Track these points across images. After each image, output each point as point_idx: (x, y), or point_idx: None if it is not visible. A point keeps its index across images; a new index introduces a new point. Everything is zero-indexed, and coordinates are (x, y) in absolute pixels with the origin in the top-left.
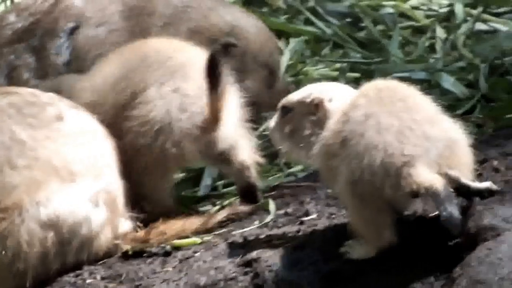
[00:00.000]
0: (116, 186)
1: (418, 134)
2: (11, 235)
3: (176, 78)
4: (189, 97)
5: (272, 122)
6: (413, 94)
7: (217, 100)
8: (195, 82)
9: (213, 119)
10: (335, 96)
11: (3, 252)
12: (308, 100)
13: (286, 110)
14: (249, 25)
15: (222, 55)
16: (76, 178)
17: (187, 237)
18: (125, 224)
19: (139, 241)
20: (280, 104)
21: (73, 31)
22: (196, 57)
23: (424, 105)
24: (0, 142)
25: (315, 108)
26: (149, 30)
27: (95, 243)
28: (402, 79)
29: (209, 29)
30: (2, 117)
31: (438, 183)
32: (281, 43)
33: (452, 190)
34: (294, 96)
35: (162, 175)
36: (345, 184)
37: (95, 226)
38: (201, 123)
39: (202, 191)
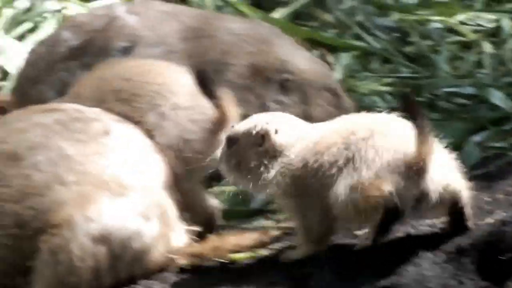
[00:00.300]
0: (167, 199)
1: None
2: (63, 251)
3: (167, 97)
4: (189, 108)
5: (218, 153)
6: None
7: (221, 102)
8: (184, 93)
9: (223, 118)
10: (281, 128)
11: (56, 268)
12: (254, 131)
13: (232, 141)
14: (299, 57)
15: (281, 92)
16: (126, 192)
17: (242, 251)
18: (179, 238)
19: (194, 255)
20: (225, 136)
21: (127, 50)
22: (170, 74)
23: None
24: (48, 159)
25: (262, 139)
26: (206, 55)
27: (148, 257)
28: (450, 94)
29: (265, 67)
30: (48, 134)
31: None
32: (330, 58)
33: None
34: (240, 128)
35: (195, 185)
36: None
37: (147, 239)
38: (210, 125)
39: (255, 205)
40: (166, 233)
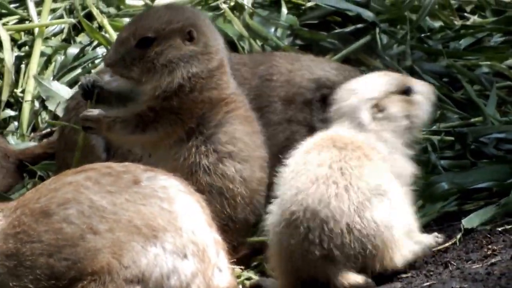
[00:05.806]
0: (205, 237)
1: None
2: None
3: None
4: None
5: None
6: None
7: None
8: None
9: None
10: None
11: None
12: None
13: None
14: (328, 69)
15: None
16: (158, 234)
17: None
18: (223, 277)
19: None
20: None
21: None
22: None
23: None
24: (79, 212)
25: None
26: None
27: None
28: (499, 140)
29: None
30: (79, 190)
31: None
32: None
33: None
34: None
35: None
36: None
37: (184, 277)
38: None
39: None
40: (204, 270)
